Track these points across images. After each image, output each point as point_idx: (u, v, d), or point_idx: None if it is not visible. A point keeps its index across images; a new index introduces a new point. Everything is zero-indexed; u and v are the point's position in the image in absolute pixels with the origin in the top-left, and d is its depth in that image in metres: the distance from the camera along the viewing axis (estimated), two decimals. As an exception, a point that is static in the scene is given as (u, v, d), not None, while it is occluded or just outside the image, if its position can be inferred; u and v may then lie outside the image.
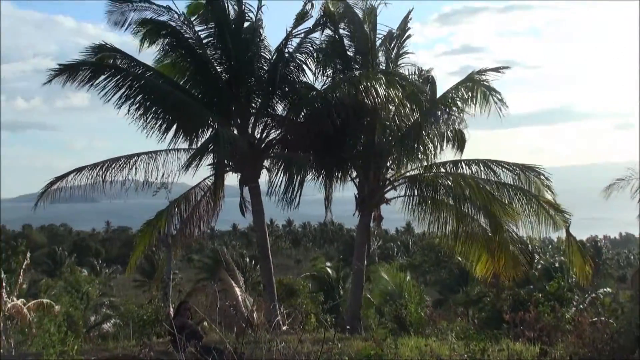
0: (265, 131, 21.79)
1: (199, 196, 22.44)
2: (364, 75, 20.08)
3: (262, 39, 21.57)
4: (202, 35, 21.23)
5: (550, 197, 20.89)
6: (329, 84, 21.76)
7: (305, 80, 22.14)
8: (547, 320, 16.50)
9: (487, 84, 20.21)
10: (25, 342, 22.45)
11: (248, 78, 21.38)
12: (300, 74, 21.97)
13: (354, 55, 22.33)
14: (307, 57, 21.81)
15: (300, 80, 22.01)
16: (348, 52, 22.29)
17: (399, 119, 21.67)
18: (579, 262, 21.16)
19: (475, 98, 20.06)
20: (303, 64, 21.85)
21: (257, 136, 21.65)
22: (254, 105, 21.68)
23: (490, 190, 20.14)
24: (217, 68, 21.42)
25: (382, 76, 20.14)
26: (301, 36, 21.61)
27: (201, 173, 20.06)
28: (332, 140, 20.74)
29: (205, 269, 68.37)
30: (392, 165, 22.09)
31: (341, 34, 22.19)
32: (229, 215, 27.43)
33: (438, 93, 22.23)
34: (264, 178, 21.41)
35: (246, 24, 21.45)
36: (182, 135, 20.17)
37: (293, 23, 21.38)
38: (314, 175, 22.21)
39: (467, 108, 20.56)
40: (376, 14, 22.52)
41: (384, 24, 22.78)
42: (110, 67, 19.37)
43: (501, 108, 19.89)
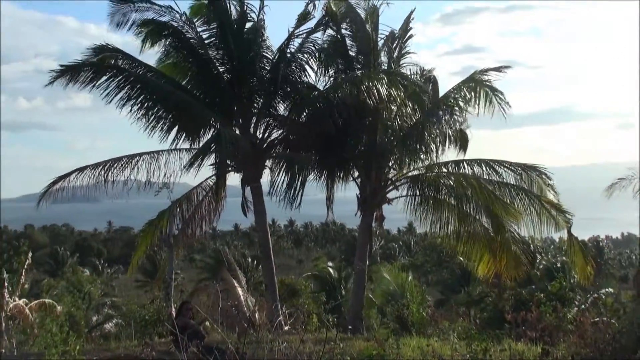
0: (267, 131, 21.79)
1: (200, 196, 22.44)
2: (366, 75, 20.05)
3: (264, 39, 21.57)
4: (204, 35, 21.22)
5: (552, 197, 20.86)
6: (331, 84, 21.73)
7: (307, 80, 22.16)
8: (549, 320, 16.48)
9: (490, 84, 20.20)
10: (27, 342, 22.50)
11: (250, 78, 21.36)
12: (302, 74, 21.99)
13: (355, 55, 22.32)
14: (309, 57, 21.81)
15: (302, 80, 22.00)
16: (350, 52, 22.28)
17: (401, 119, 21.68)
18: (581, 263, 21.13)
19: (479, 98, 20.04)
20: (305, 64, 21.86)
21: (259, 136, 21.63)
22: (256, 105, 21.67)
23: (492, 190, 20.09)
24: (219, 68, 21.39)
25: (384, 76, 20.12)
26: (303, 36, 21.60)
27: (203, 173, 20.05)
28: (334, 140, 20.72)
29: (207, 269, 68.44)
30: (394, 165, 22.06)
31: (343, 34, 22.18)
32: (230, 215, 27.43)
33: (440, 93, 22.22)
34: (265, 178, 21.40)
35: (248, 25, 21.48)
36: (184, 135, 20.14)
37: (295, 23, 21.39)
38: (315, 175, 22.20)
39: (470, 108, 20.56)
40: (378, 14, 22.52)
41: (386, 24, 22.87)
42: (112, 68, 19.34)
43: (504, 108, 19.91)
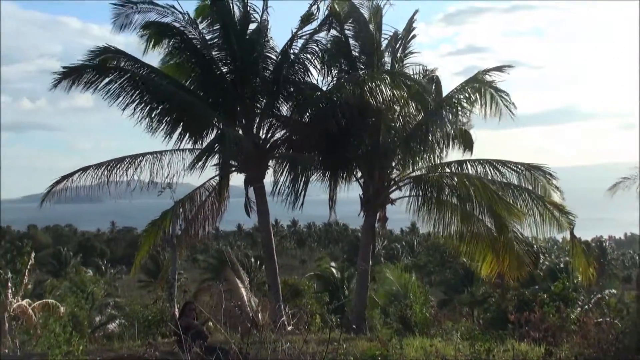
0: (270, 131, 21.76)
1: (203, 196, 22.42)
2: (369, 75, 20.07)
3: (268, 39, 21.52)
4: (207, 36, 21.22)
5: (557, 197, 20.87)
6: (334, 84, 21.73)
7: (310, 80, 22.09)
8: (552, 321, 16.45)
9: (494, 86, 20.20)
10: (30, 342, 22.53)
11: (253, 79, 21.33)
12: (306, 75, 21.92)
13: (359, 55, 22.32)
14: (313, 58, 21.75)
15: (305, 80, 21.94)
16: (353, 52, 22.27)
17: (404, 119, 21.67)
18: (583, 264, 21.14)
19: (484, 99, 20.05)
20: (308, 65, 21.81)
21: (262, 136, 21.58)
22: (259, 105, 21.64)
23: (495, 190, 20.07)
24: (222, 69, 21.36)
25: (387, 76, 20.13)
26: (306, 37, 21.55)
27: (206, 173, 20.02)
28: (337, 140, 20.70)
29: (210, 269, 68.64)
30: (397, 166, 22.06)
31: (346, 34, 22.18)
32: (233, 215, 27.41)
33: (443, 93, 22.20)
34: (269, 178, 21.42)
35: (252, 25, 21.43)
36: (187, 135, 20.11)
37: (298, 24, 21.33)
38: (318, 176, 22.19)
39: (474, 109, 20.56)
40: (382, 14, 22.50)
41: (389, 24, 22.82)
42: (115, 69, 19.33)
43: (511, 110, 19.94)
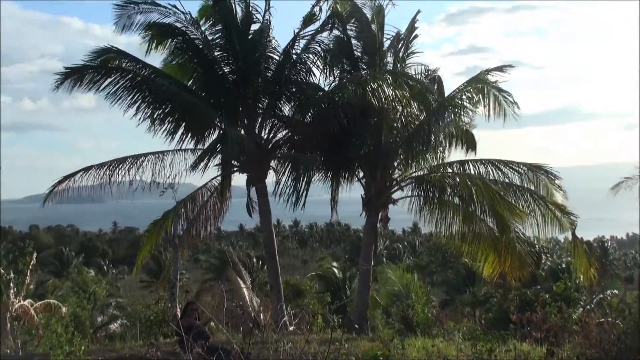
0: (272, 132, 21.73)
1: (205, 196, 22.40)
2: (371, 76, 20.06)
3: (270, 39, 21.52)
4: (209, 36, 21.23)
5: (559, 196, 20.84)
6: (336, 85, 21.70)
7: (313, 80, 22.06)
8: (554, 321, 16.46)
9: (497, 86, 20.18)
10: (32, 343, 22.56)
11: (255, 79, 21.32)
12: (308, 75, 21.89)
13: (361, 55, 22.30)
14: (315, 58, 21.71)
15: (307, 80, 21.91)
16: (355, 52, 22.25)
17: (406, 119, 21.66)
18: (585, 265, 21.12)
19: (488, 100, 20.03)
20: (310, 65, 21.79)
21: (264, 137, 21.58)
22: (261, 105, 21.63)
23: (496, 190, 20.05)
24: (225, 69, 21.37)
25: (389, 76, 20.12)
26: (309, 37, 21.53)
27: (208, 173, 20.04)
28: (339, 140, 20.69)
29: (212, 269, 68.66)
30: (399, 166, 22.04)
31: (349, 34, 22.15)
32: (235, 215, 27.45)
33: (445, 93, 22.19)
34: (271, 178, 21.40)
35: (254, 26, 21.43)
36: (189, 136, 20.09)
37: (300, 25, 21.32)
38: (320, 176, 22.18)
39: (477, 109, 20.53)
40: (384, 14, 22.46)
41: (391, 24, 22.80)
42: (116, 70, 19.29)
43: (514, 110, 19.94)
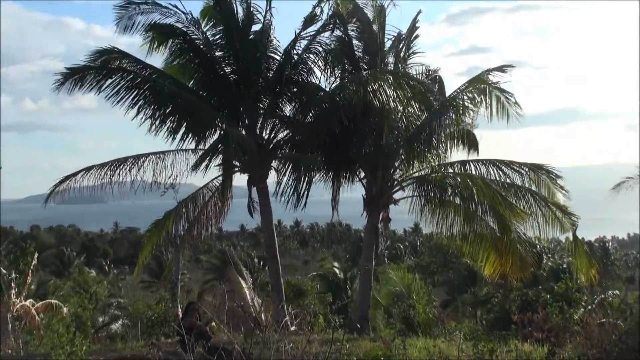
0: (274, 132, 21.71)
1: (206, 197, 22.41)
2: (372, 76, 20.04)
3: (271, 40, 21.51)
4: (210, 36, 21.22)
5: (561, 196, 20.84)
6: (337, 85, 21.68)
7: (314, 81, 22.01)
8: (556, 321, 16.43)
9: (499, 87, 20.17)
10: (34, 343, 22.55)
11: (256, 79, 21.29)
12: (309, 75, 21.87)
13: (362, 55, 22.30)
14: (316, 58, 21.68)
15: (308, 81, 21.89)
16: (357, 53, 22.24)
17: (407, 119, 21.66)
18: (585, 266, 21.12)
19: (490, 101, 20.02)
20: (311, 65, 21.77)
21: (265, 137, 21.56)
22: (262, 105, 21.59)
23: (498, 190, 20.05)
24: (225, 69, 21.35)
25: (390, 76, 20.13)
26: (310, 37, 21.51)
27: (209, 173, 20.02)
28: (340, 140, 20.69)
29: (213, 269, 68.71)
30: (400, 166, 22.03)
31: (350, 34, 22.14)
32: (237, 215, 27.43)
33: (446, 93, 22.18)
34: (272, 178, 21.40)
35: (255, 26, 21.41)
36: (190, 136, 20.07)
37: (302, 25, 21.29)
38: (321, 176, 22.19)
39: (479, 110, 20.51)
40: (385, 14, 22.46)
41: (392, 24, 22.80)
42: (117, 70, 19.25)
43: (517, 112, 19.94)
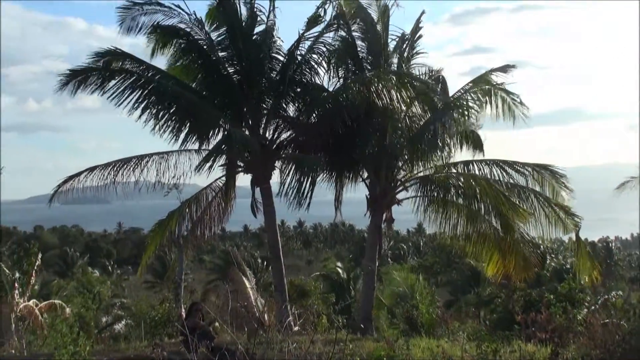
0: (277, 132, 21.72)
1: (210, 197, 22.41)
2: (376, 76, 20.05)
3: (274, 40, 21.51)
4: (214, 36, 21.22)
5: (565, 195, 20.81)
6: (340, 85, 21.70)
7: (317, 81, 22.01)
8: (559, 322, 16.41)
9: (505, 88, 20.17)
10: (37, 343, 22.58)
11: (260, 79, 21.27)
12: (312, 75, 21.87)
13: (366, 55, 22.30)
14: (320, 58, 21.69)
15: (312, 81, 21.89)
16: (360, 53, 22.25)
17: (411, 119, 21.67)
18: (587, 267, 21.09)
19: (496, 102, 20.02)
20: (315, 65, 21.76)
21: (269, 137, 21.57)
22: (265, 106, 21.59)
23: (501, 190, 20.04)
24: (229, 69, 21.35)
25: (394, 77, 20.14)
26: (313, 38, 21.51)
27: (213, 174, 20.00)
28: (344, 141, 20.68)
29: (216, 269, 68.71)
30: (404, 166, 22.03)
31: (354, 35, 22.18)
32: (240, 216, 27.43)
33: (450, 93, 22.18)
34: (275, 179, 21.40)
35: (259, 26, 21.40)
36: (194, 136, 20.06)
37: (305, 26, 21.31)
38: (325, 176, 22.19)
39: (484, 110, 20.53)
40: (389, 14, 22.48)
41: (395, 24, 22.83)
42: (120, 71, 19.23)
43: (524, 113, 19.95)
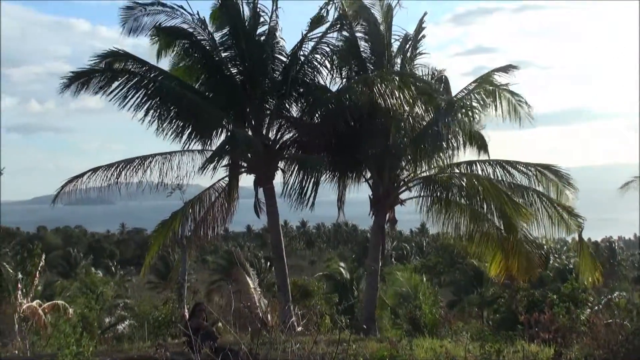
0: (280, 132, 21.72)
1: (213, 197, 22.40)
2: (379, 76, 20.03)
3: (277, 40, 21.49)
4: (217, 37, 21.23)
5: (570, 195, 20.79)
6: (343, 85, 21.71)
7: (320, 81, 22.02)
8: (562, 322, 16.40)
9: (509, 89, 20.16)
10: (40, 343, 22.59)
11: (263, 79, 21.28)
12: (315, 76, 21.88)
13: (369, 55, 22.28)
14: (323, 59, 21.69)
15: (315, 81, 21.88)
16: (363, 53, 22.24)
17: (414, 119, 21.63)
18: (589, 268, 21.07)
19: (500, 103, 20.01)
20: (318, 66, 21.76)
21: (272, 137, 21.56)
22: (268, 106, 21.60)
23: (504, 190, 20.02)
24: (232, 70, 21.37)
25: (397, 77, 20.11)
26: (316, 38, 21.51)
27: (216, 174, 20.04)
28: (347, 141, 20.69)
29: (219, 270, 68.74)
30: (407, 166, 22.02)
31: (357, 35, 22.16)
32: (243, 216, 27.43)
33: (452, 93, 22.18)
34: (278, 179, 21.41)
35: (261, 27, 21.39)
36: (197, 136, 20.07)
37: (308, 26, 21.32)
38: (328, 177, 22.18)
39: (488, 111, 20.52)
40: (392, 14, 22.46)
41: (398, 25, 22.81)
42: (123, 72, 19.24)
43: (529, 113, 19.96)
